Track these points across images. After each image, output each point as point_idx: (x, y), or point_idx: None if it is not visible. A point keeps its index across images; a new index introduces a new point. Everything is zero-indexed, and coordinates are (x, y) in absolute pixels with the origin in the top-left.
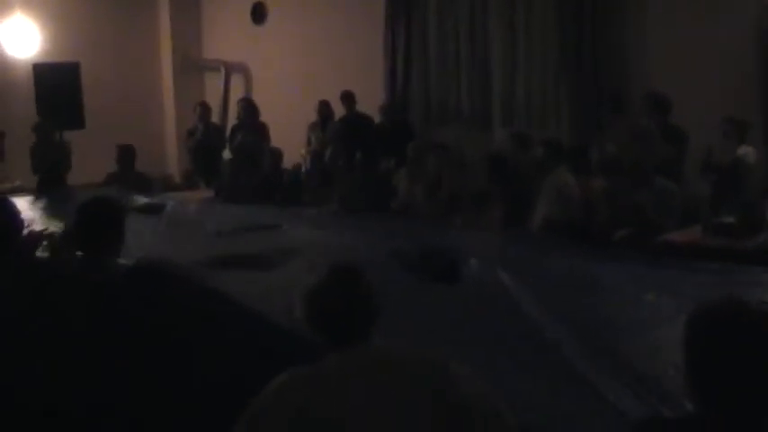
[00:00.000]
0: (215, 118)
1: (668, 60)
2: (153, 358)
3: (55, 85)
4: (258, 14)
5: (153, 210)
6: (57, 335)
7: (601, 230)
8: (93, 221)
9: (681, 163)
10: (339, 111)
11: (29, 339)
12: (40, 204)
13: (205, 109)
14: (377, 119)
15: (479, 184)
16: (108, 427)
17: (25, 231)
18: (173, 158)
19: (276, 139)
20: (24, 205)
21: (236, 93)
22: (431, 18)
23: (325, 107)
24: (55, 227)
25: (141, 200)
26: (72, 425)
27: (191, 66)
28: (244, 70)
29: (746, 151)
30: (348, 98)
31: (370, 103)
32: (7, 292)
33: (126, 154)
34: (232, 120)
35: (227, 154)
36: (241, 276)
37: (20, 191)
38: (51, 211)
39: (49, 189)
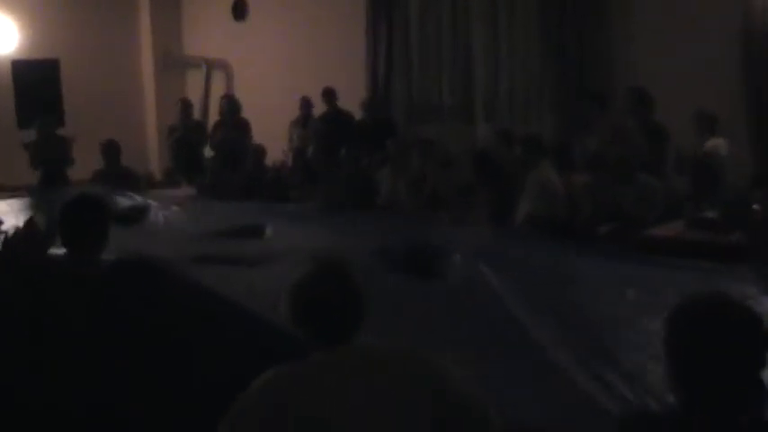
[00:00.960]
0: (196, 115)
1: (652, 58)
2: (152, 358)
3: (34, 82)
4: (239, 11)
5: (135, 216)
6: (57, 335)
7: (584, 226)
8: (79, 220)
9: (663, 159)
10: (320, 107)
11: (29, 339)
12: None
13: (186, 106)
14: (358, 115)
15: (464, 180)
16: (108, 427)
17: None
18: (154, 155)
19: (258, 136)
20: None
21: (218, 89)
22: (413, 13)
23: (306, 104)
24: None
25: (124, 202)
26: (72, 425)
27: (172, 62)
28: (225, 67)
29: (717, 143)
30: (329, 95)
31: (353, 99)
32: (6, 292)
33: (111, 149)
34: (213, 117)
35: (208, 151)
36: (224, 273)
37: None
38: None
39: (50, 185)
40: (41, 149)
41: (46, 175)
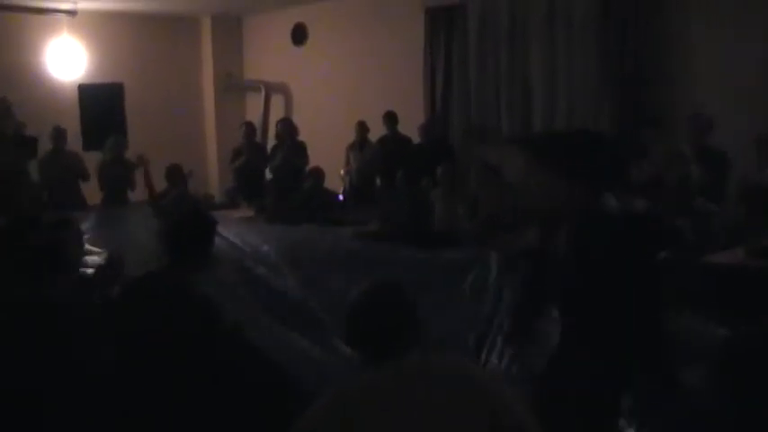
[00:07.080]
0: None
1: (713, 81)
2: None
3: (99, 106)
4: (298, 36)
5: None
6: (167, 354)
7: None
8: (189, 236)
9: (723, 185)
10: (378, 131)
11: (139, 359)
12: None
13: (250, 129)
14: (416, 139)
15: (518, 204)
16: None
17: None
18: (213, 177)
19: (316, 159)
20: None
21: (277, 113)
22: (470, 37)
23: (362, 128)
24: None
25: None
26: None
27: (232, 86)
28: (284, 91)
29: None
30: (390, 118)
31: (410, 123)
32: (114, 312)
33: (174, 173)
34: (272, 140)
35: (267, 173)
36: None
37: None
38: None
39: (111, 206)
40: (108, 171)
41: (108, 197)
